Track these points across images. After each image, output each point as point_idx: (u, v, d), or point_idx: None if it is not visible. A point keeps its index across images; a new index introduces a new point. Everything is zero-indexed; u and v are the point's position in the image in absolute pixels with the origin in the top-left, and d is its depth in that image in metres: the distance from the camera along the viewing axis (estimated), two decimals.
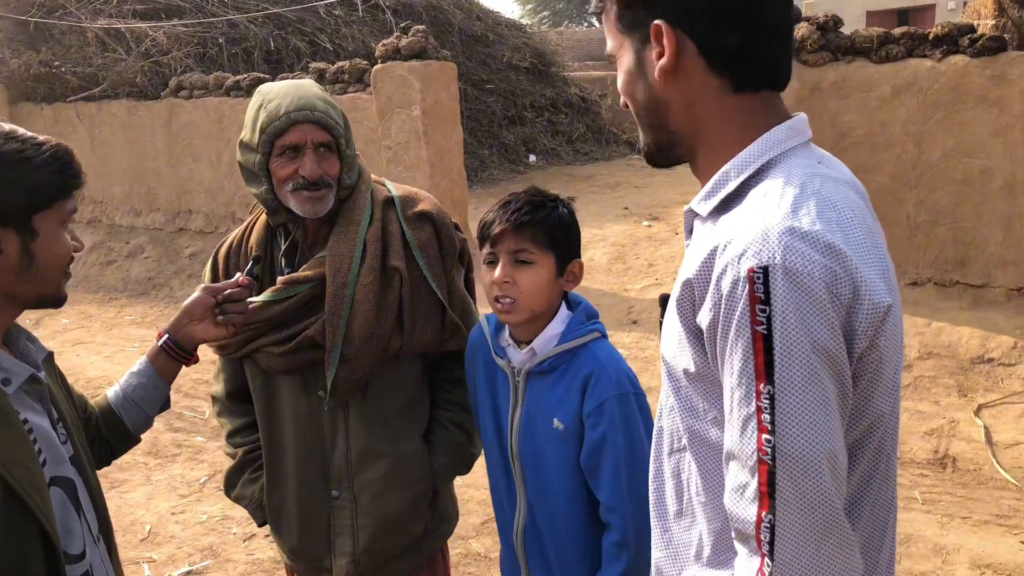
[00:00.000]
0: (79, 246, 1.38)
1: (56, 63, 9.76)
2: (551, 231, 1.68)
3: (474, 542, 3.51)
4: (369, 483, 1.84)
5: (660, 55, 1.07)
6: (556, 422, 1.67)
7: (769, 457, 0.93)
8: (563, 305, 1.76)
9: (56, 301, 1.38)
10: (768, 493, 0.93)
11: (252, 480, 1.96)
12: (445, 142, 7.14)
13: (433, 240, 1.85)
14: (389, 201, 1.87)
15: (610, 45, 1.17)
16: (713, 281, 0.98)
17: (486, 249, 1.71)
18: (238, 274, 1.74)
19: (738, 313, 0.94)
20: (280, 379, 1.84)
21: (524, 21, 16.23)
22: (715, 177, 1.08)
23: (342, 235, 1.78)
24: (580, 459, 1.66)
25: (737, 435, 0.97)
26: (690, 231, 1.19)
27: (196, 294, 1.68)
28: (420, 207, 1.87)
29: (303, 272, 1.78)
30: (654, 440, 1.24)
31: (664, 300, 1.25)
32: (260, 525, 2.00)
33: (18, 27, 10.41)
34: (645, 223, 7.65)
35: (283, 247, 1.85)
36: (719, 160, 1.09)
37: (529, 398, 1.72)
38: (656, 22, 1.06)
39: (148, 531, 3.86)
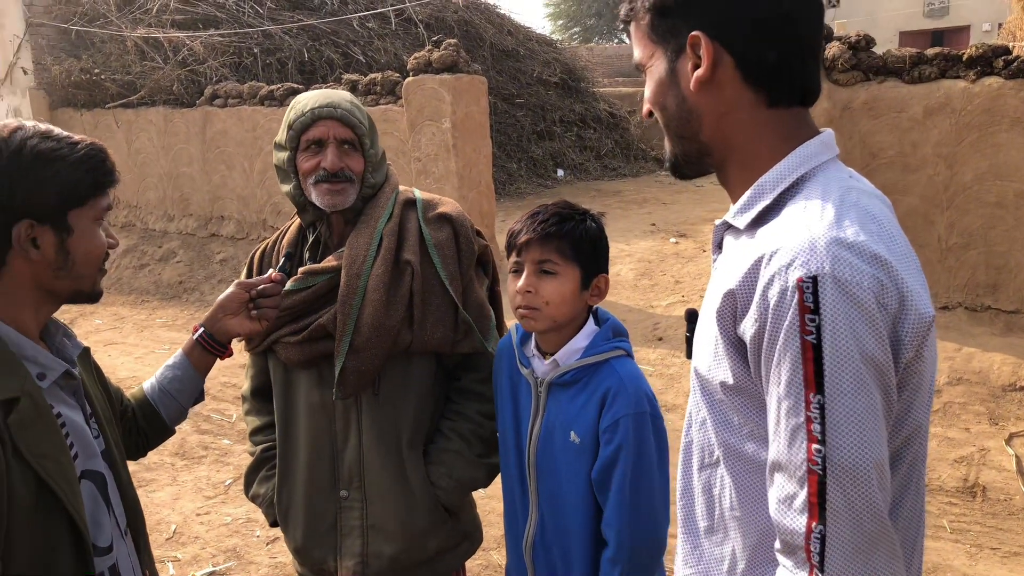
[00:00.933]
0: (114, 243, 1.41)
1: (96, 70, 9.97)
2: (577, 244, 1.69)
3: (495, 554, 3.51)
4: (380, 485, 1.85)
5: (696, 66, 1.08)
6: (573, 435, 1.68)
7: (819, 467, 0.93)
8: (591, 320, 1.77)
9: (91, 297, 1.41)
10: (818, 504, 0.93)
11: (266, 478, 2.00)
12: (474, 155, 7.20)
13: (451, 241, 1.88)
14: (411, 202, 1.92)
15: (639, 54, 1.17)
16: (759, 291, 0.98)
17: (513, 258, 1.74)
18: (271, 270, 1.80)
19: (787, 323, 0.95)
20: (298, 374, 1.89)
21: (555, 37, 16.31)
22: (751, 190, 1.09)
23: (361, 230, 1.84)
24: (592, 473, 1.66)
25: (785, 445, 0.96)
26: (719, 245, 1.19)
27: (231, 289, 1.73)
28: (441, 209, 1.91)
29: (322, 264, 1.84)
30: (681, 455, 1.24)
31: (691, 315, 1.26)
32: (271, 525, 2.02)
33: (61, 35, 10.65)
34: (672, 240, 7.64)
35: (310, 243, 1.91)
36: (751, 173, 1.10)
37: (549, 409, 1.73)
38: (694, 32, 1.07)
39: (173, 531, 3.91)
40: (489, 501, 3.73)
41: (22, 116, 10.09)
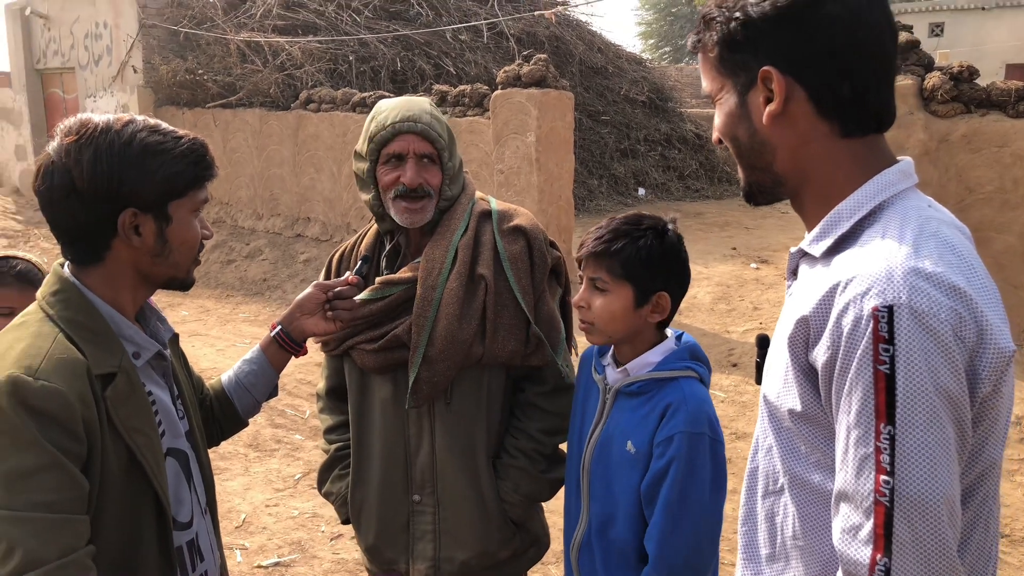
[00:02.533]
0: (208, 234, 1.47)
1: (200, 71, 10.42)
2: (627, 263, 1.68)
3: (554, 568, 3.51)
4: (453, 491, 1.88)
5: (768, 99, 1.08)
6: (629, 445, 1.69)
7: (887, 499, 0.92)
8: (671, 339, 1.77)
9: (184, 284, 1.47)
10: (884, 535, 0.92)
11: (340, 477, 2.04)
12: (557, 170, 7.23)
13: (524, 253, 1.88)
14: (487, 214, 1.93)
15: (708, 86, 1.17)
16: (832, 318, 0.98)
17: (580, 269, 1.77)
18: (347, 273, 1.84)
19: (860, 351, 0.94)
20: (373, 378, 1.92)
21: (645, 55, 16.23)
22: (827, 218, 1.09)
23: (438, 242, 1.86)
24: (641, 486, 1.66)
25: (852, 475, 0.95)
26: (793, 272, 1.19)
27: (308, 290, 1.79)
28: (516, 221, 1.92)
29: (399, 275, 1.87)
30: (746, 481, 1.23)
31: (762, 341, 1.25)
32: (343, 522, 2.07)
33: (170, 36, 11.17)
34: (753, 265, 7.50)
35: (387, 251, 1.95)
36: (827, 202, 1.10)
37: (612, 417, 1.74)
38: (766, 67, 1.06)
39: (243, 519, 4.04)
40: (550, 516, 3.73)
41: (130, 112, 10.60)
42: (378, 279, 1.89)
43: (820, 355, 0.99)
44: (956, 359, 0.92)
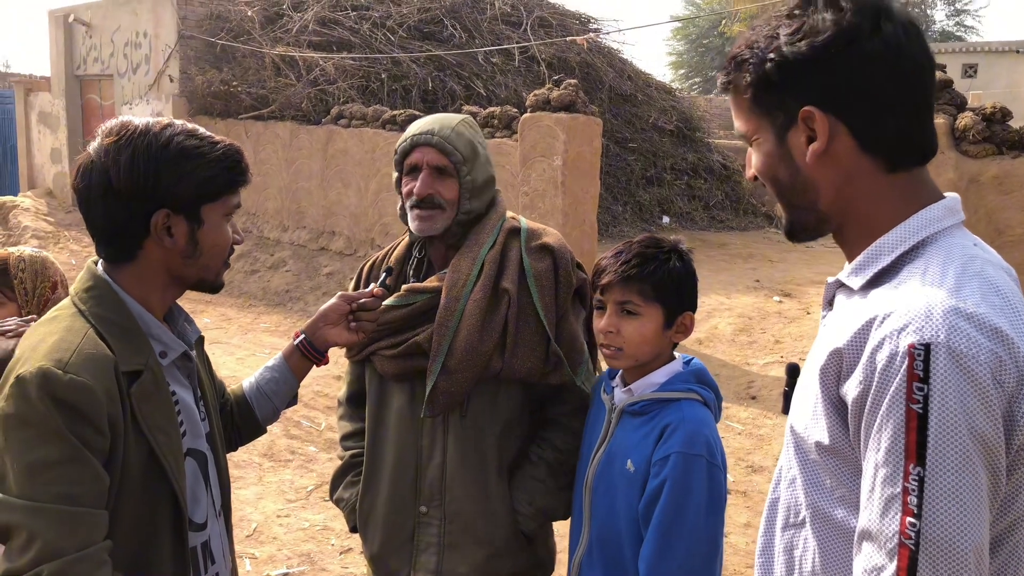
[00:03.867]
0: (239, 239, 1.50)
1: (234, 83, 10.59)
2: (658, 285, 1.70)
3: None
4: (460, 505, 1.88)
5: (810, 139, 1.06)
6: (629, 463, 1.69)
7: (912, 542, 0.90)
8: (678, 361, 1.78)
9: (214, 287, 1.50)
10: None
11: (352, 484, 2.06)
12: (582, 194, 7.24)
13: (550, 272, 1.90)
14: (515, 231, 1.96)
15: (742, 126, 1.15)
16: (867, 353, 0.96)
17: (596, 295, 1.77)
18: (372, 284, 1.86)
19: (893, 388, 0.92)
20: (392, 386, 1.94)
21: (675, 85, 16.29)
22: (868, 251, 1.07)
23: (465, 254, 1.90)
24: (639, 505, 1.66)
25: (877, 515, 0.93)
26: (829, 303, 1.17)
27: (333, 300, 1.81)
28: (544, 240, 1.95)
29: (424, 283, 1.90)
30: (766, 512, 1.21)
31: (792, 370, 1.24)
32: (351, 530, 2.07)
33: (207, 47, 11.37)
34: (776, 298, 7.45)
35: (414, 261, 1.99)
36: (871, 236, 1.08)
37: (616, 436, 1.75)
38: (807, 108, 1.05)
39: (254, 528, 4.04)
40: (560, 541, 3.70)
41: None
42: (404, 286, 1.92)
43: (852, 389, 0.98)
44: (993, 403, 0.90)
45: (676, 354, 1.81)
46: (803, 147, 1.07)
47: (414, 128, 1.90)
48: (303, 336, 1.78)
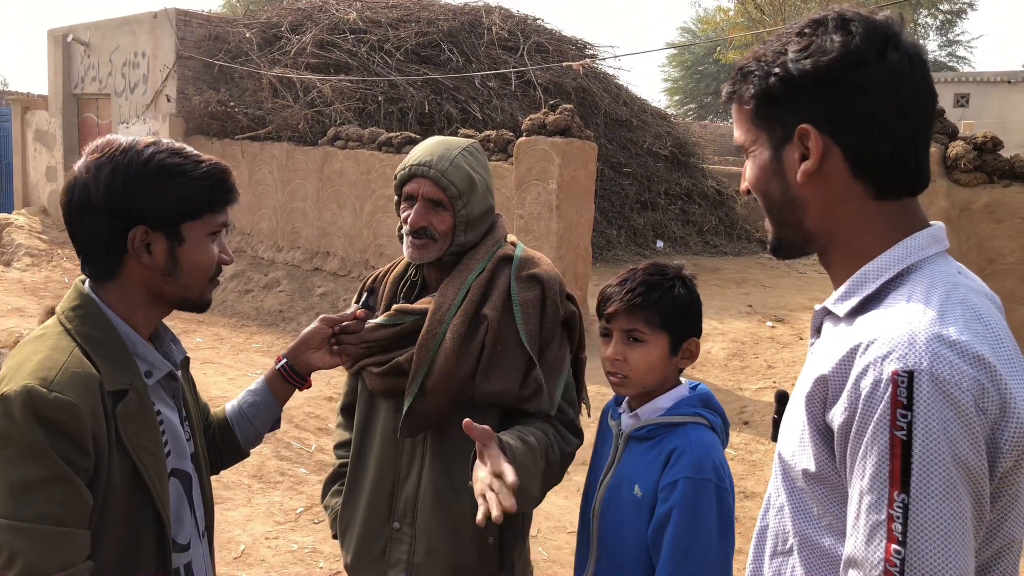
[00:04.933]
0: (227, 259, 1.48)
1: (231, 103, 10.63)
2: (665, 312, 1.71)
3: None
4: (430, 524, 1.87)
5: (803, 157, 1.07)
6: (637, 489, 1.68)
7: (897, 569, 0.90)
8: (684, 386, 1.78)
9: (198, 306, 1.47)
10: None
11: (337, 492, 2.08)
12: (576, 218, 7.27)
13: (537, 302, 1.89)
14: (507, 259, 1.94)
15: (741, 136, 1.16)
16: (851, 380, 0.96)
17: (602, 322, 1.77)
18: (354, 306, 1.86)
19: (877, 415, 0.92)
20: (380, 401, 1.95)
21: (669, 111, 16.40)
22: (853, 279, 1.07)
23: (453, 280, 1.90)
24: (648, 531, 1.65)
25: (863, 542, 0.93)
26: (817, 330, 1.17)
27: (314, 324, 1.79)
28: (535, 270, 1.93)
29: (413, 305, 1.91)
30: (754, 540, 1.21)
31: (781, 397, 1.24)
32: (334, 537, 2.08)
33: (205, 68, 11.43)
34: (769, 323, 7.46)
35: (407, 282, 2.00)
36: (856, 262, 1.08)
37: (623, 461, 1.75)
38: (804, 125, 1.05)
39: (242, 551, 4.00)
40: (551, 566, 3.68)
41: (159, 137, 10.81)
42: (394, 307, 1.93)
43: (837, 416, 0.98)
44: (976, 430, 0.90)
45: (682, 379, 1.81)
46: (796, 164, 1.07)
47: (414, 155, 1.89)
48: (284, 361, 1.76)
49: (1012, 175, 5.28)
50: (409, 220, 1.88)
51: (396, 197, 1.96)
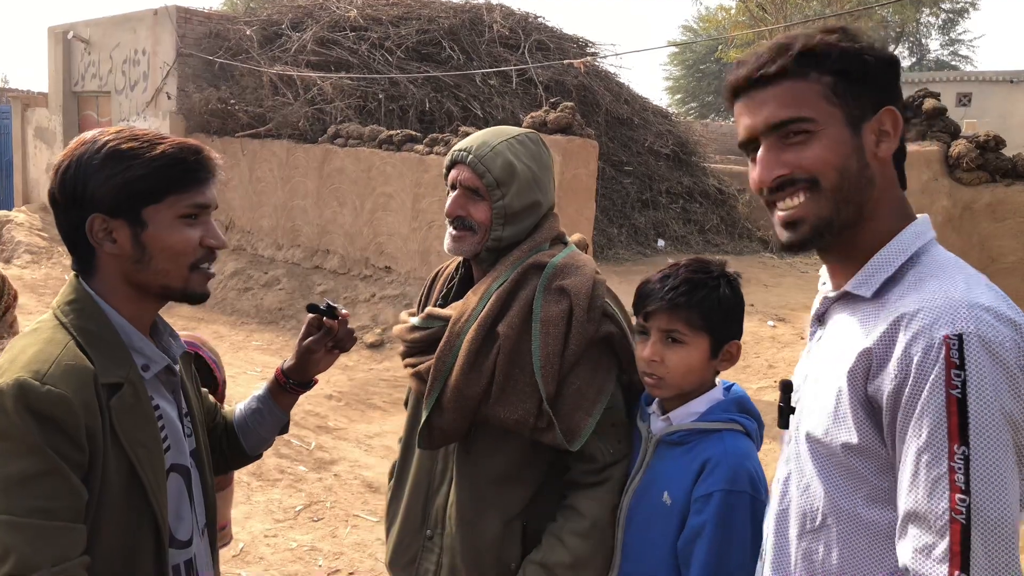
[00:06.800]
0: (213, 243, 1.40)
1: (232, 101, 10.61)
2: (707, 314, 1.61)
3: None
4: (455, 536, 1.82)
5: (882, 137, 1.14)
6: (666, 496, 1.62)
7: (963, 516, 0.95)
8: (719, 388, 1.70)
9: (186, 295, 1.40)
10: (961, 552, 0.95)
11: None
12: (577, 216, 7.25)
13: (562, 320, 1.68)
14: (538, 267, 1.76)
15: (786, 112, 1.13)
16: (899, 348, 1.03)
17: (639, 320, 1.67)
18: (340, 308, 1.75)
19: (932, 377, 0.99)
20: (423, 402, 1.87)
21: (671, 109, 16.35)
22: (874, 260, 1.14)
23: (479, 287, 1.78)
24: (678, 542, 1.60)
25: (924, 496, 0.98)
26: (819, 318, 1.22)
27: (314, 336, 1.71)
28: (564, 281, 1.72)
29: (444, 310, 1.81)
30: (773, 525, 1.23)
31: (786, 385, 1.28)
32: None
33: (205, 66, 11.41)
34: (770, 323, 7.45)
35: (455, 279, 1.91)
36: (871, 245, 1.15)
37: (652, 466, 1.67)
38: (890, 107, 1.14)
39: (240, 548, 3.99)
40: None
41: None
42: (426, 309, 1.85)
43: (885, 384, 1.04)
44: (1020, 387, 0.98)
45: (716, 380, 1.72)
46: (873, 143, 1.14)
47: (461, 142, 1.81)
48: (289, 381, 1.71)
49: (1014, 174, 5.26)
50: (447, 208, 1.79)
51: (447, 188, 1.85)
